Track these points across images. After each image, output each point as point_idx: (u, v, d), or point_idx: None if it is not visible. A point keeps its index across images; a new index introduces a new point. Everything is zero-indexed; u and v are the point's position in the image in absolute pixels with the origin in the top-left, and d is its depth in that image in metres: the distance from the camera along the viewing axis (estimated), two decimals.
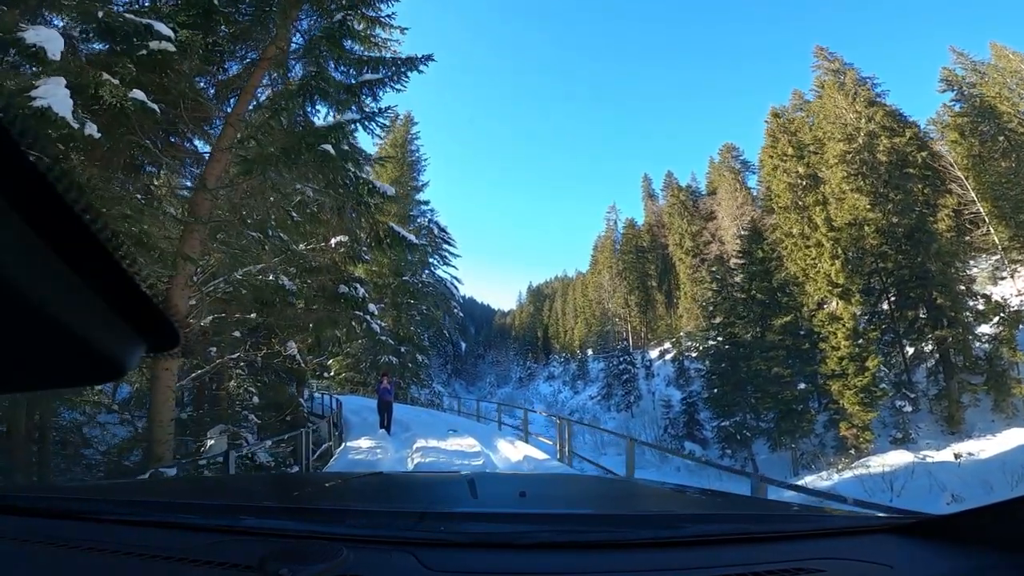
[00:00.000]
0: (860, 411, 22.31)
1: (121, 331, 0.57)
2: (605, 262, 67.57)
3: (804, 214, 27.52)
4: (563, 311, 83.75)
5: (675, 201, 60.57)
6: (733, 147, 59.16)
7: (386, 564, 1.05)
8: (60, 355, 0.53)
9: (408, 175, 35.78)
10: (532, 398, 66.08)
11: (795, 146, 31.24)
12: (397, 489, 2.12)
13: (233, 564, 1.03)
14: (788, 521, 1.52)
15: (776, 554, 1.12)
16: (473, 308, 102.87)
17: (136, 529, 1.26)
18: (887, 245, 28.00)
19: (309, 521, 1.30)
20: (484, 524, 1.34)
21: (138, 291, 0.55)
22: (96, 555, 1.13)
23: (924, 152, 35.74)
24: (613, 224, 69.62)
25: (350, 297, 12.88)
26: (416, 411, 18.47)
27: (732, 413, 25.79)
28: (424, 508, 1.42)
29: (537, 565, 1.10)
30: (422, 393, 34.56)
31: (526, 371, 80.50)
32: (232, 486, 2.72)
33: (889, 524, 1.31)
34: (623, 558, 1.12)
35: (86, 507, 1.41)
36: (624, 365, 50.27)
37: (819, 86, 41.90)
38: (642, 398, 48.61)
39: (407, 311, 31.71)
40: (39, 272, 0.46)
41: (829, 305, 24.64)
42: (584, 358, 66.13)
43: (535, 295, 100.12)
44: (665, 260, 62.52)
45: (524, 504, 1.66)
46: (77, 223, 0.46)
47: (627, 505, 1.93)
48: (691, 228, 57.00)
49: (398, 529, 1.21)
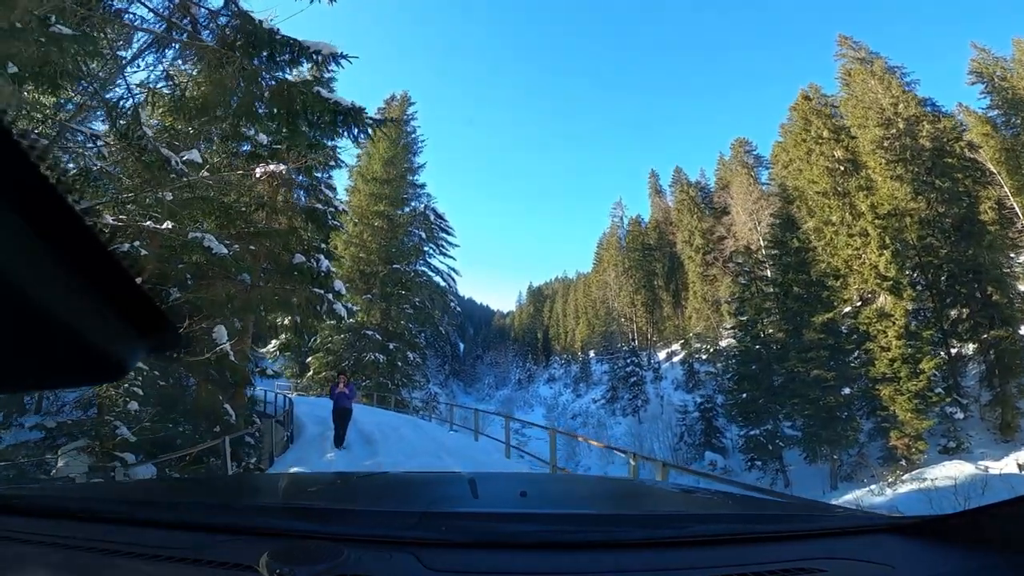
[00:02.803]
0: (913, 418, 19.85)
1: (121, 331, 0.57)
2: (610, 260, 65.08)
3: (845, 200, 24.87)
4: (564, 312, 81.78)
5: (684, 197, 57.99)
6: (745, 142, 56.83)
7: (386, 564, 1.04)
8: (60, 355, 0.53)
9: (403, 156, 32.87)
10: (532, 400, 64.69)
11: (831, 128, 28.63)
12: (397, 489, 2.11)
13: (233, 564, 1.02)
14: (788, 521, 1.52)
15: (777, 554, 1.11)
16: (472, 309, 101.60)
17: (136, 529, 1.24)
18: (933, 237, 25.30)
19: (309, 521, 1.29)
20: (484, 524, 1.32)
21: (138, 291, 0.55)
22: (96, 555, 1.13)
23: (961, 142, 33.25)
24: (619, 220, 67.10)
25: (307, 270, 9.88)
26: (397, 419, 14.73)
27: (762, 420, 22.84)
28: (424, 508, 1.38)
29: (537, 565, 1.09)
30: (414, 395, 31.58)
31: (525, 373, 78.74)
32: (233, 486, 2.63)
33: (890, 524, 1.29)
34: (623, 558, 1.10)
35: (86, 507, 1.40)
36: (631, 367, 47.62)
37: (845, 74, 39.43)
38: (649, 402, 46.12)
39: (398, 303, 28.65)
40: (39, 272, 0.46)
41: (876, 300, 21.79)
42: (587, 360, 64.00)
43: (535, 296, 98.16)
44: (673, 258, 59.94)
45: (524, 504, 1.63)
46: (77, 223, 0.46)
47: (627, 505, 1.92)
48: (701, 225, 54.53)
49: (398, 529, 1.18)
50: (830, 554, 1.12)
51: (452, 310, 35.04)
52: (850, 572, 1.08)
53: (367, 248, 29.02)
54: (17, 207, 0.42)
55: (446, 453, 10.23)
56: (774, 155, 50.10)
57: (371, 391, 24.39)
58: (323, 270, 10.67)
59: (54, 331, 0.49)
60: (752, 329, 24.58)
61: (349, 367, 25.95)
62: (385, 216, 29.65)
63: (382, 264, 28.06)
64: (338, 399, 10.80)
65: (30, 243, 0.43)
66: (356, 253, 29.00)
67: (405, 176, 32.33)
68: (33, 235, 0.43)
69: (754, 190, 47.88)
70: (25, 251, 0.44)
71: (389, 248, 28.86)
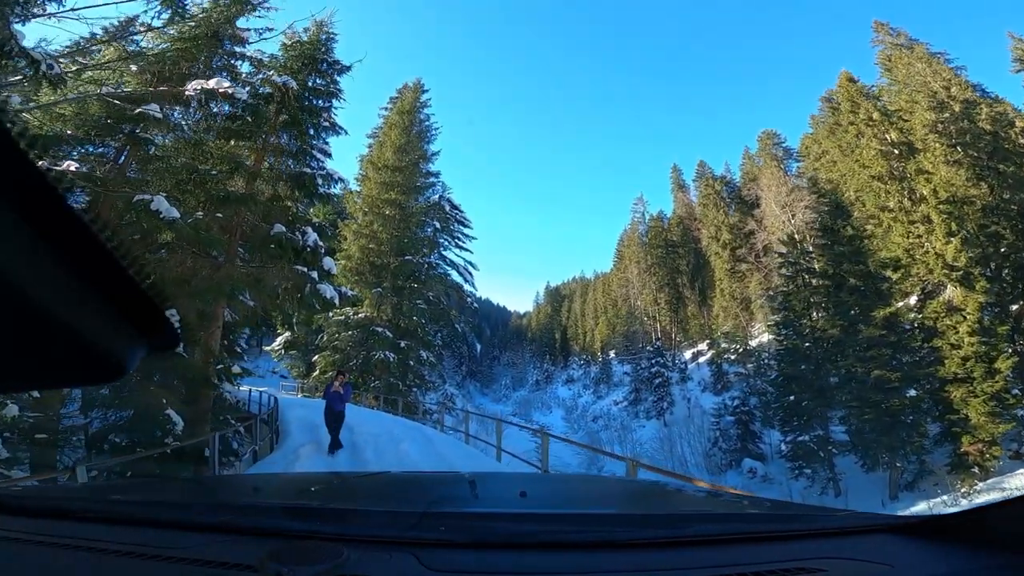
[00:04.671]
0: (988, 422, 17.63)
1: (121, 331, 0.57)
2: (632, 257, 63.17)
3: (902, 185, 22.66)
4: (582, 312, 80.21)
5: (710, 192, 55.93)
6: (774, 134, 55.16)
7: (386, 564, 1.04)
8: (60, 355, 0.53)
9: (416, 143, 31.04)
10: (550, 402, 63.51)
11: (881, 111, 26.49)
12: (397, 489, 2.11)
13: (233, 564, 1.02)
14: (788, 521, 1.51)
15: (777, 554, 1.11)
16: (489, 310, 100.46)
17: (136, 529, 1.24)
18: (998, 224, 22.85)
19: (309, 521, 1.29)
20: (484, 524, 1.33)
21: (138, 291, 0.55)
22: (96, 555, 1.12)
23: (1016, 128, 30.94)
24: (640, 217, 65.03)
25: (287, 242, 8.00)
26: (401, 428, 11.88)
27: (812, 425, 20.57)
28: (424, 508, 1.36)
29: (537, 565, 1.09)
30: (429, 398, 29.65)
31: (543, 373, 77.47)
32: (232, 486, 2.61)
33: (889, 524, 1.29)
34: (623, 558, 1.10)
35: (86, 507, 1.41)
36: (656, 367, 45.30)
37: (885, 60, 37.38)
38: (675, 404, 43.85)
39: (410, 297, 26.70)
40: (39, 272, 0.45)
41: (942, 293, 19.46)
42: (607, 360, 61.98)
43: (553, 295, 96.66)
44: (698, 255, 57.83)
45: (524, 504, 1.63)
46: (77, 223, 0.46)
47: (627, 505, 1.90)
48: (728, 220, 52.29)
49: (398, 529, 1.18)
50: (830, 554, 1.11)
51: (469, 306, 32.95)
52: (850, 572, 1.07)
53: (377, 239, 27.14)
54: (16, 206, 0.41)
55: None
56: (804, 147, 48.44)
57: (380, 392, 22.33)
58: (309, 244, 8.80)
59: (54, 331, 0.48)
60: (799, 325, 22.25)
61: (357, 366, 24.11)
62: (397, 204, 27.75)
63: (393, 256, 26.25)
64: (332, 400, 9.03)
65: (29, 242, 0.43)
66: (366, 244, 27.17)
67: (418, 164, 30.51)
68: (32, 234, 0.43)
69: (787, 182, 45.55)
70: (24, 250, 0.43)
71: (401, 239, 26.93)
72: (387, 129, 32.44)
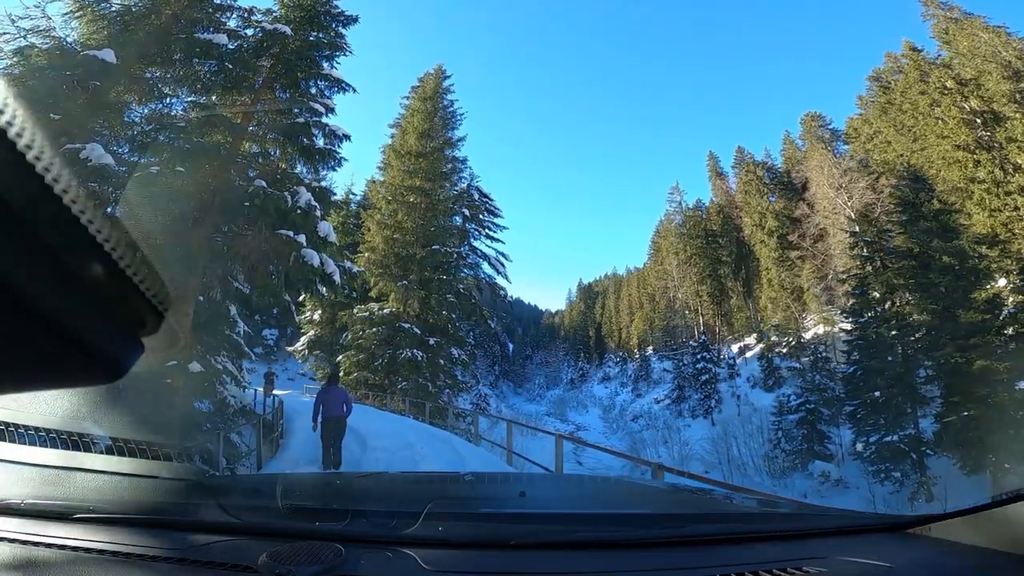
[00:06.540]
0: None
1: (121, 331, 0.57)
2: (669, 248, 60.58)
3: (991, 155, 20.03)
4: (616, 308, 78.24)
5: (751, 178, 52.96)
6: (819, 116, 52.37)
7: (386, 564, 1.04)
8: (60, 355, 0.53)
9: (439, 130, 29.24)
10: (586, 401, 62.23)
11: (957, 80, 23.93)
12: (397, 489, 2.11)
13: (233, 564, 1.02)
14: (788, 520, 1.53)
15: (776, 553, 1.10)
16: (520, 309, 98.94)
17: (136, 529, 1.23)
18: None
19: (309, 521, 1.29)
20: (484, 524, 1.35)
21: (138, 291, 0.55)
22: (96, 555, 1.11)
23: None
24: (677, 206, 62.09)
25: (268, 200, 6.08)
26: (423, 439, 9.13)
27: (900, 423, 17.95)
28: (424, 508, 1.32)
29: (537, 565, 1.09)
30: (463, 399, 27.68)
31: (578, 372, 76.13)
32: (232, 486, 2.55)
33: (890, 524, 1.28)
34: (623, 558, 1.10)
35: (86, 508, 1.36)
36: (701, 363, 42.66)
37: (942, 32, 34.31)
38: (723, 401, 41.20)
39: (439, 290, 24.87)
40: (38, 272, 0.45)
41: None
42: (645, 356, 60.11)
43: (585, 292, 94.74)
44: (740, 244, 54.75)
45: (524, 504, 1.64)
46: (76, 223, 0.45)
47: (627, 505, 1.90)
48: (773, 206, 49.16)
49: (398, 529, 1.18)
50: (830, 553, 1.10)
51: (502, 300, 30.88)
52: (850, 572, 1.07)
53: (402, 228, 25.32)
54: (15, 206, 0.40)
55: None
56: (853, 128, 45.40)
57: (407, 396, 20.35)
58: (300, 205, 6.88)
59: (53, 331, 0.48)
60: (881, 312, 19.56)
61: (383, 366, 22.29)
62: (422, 191, 25.88)
63: (419, 246, 24.44)
64: (328, 404, 7.11)
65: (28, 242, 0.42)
66: (391, 235, 25.37)
67: (443, 149, 28.73)
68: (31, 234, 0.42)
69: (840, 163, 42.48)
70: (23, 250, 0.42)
71: (427, 227, 25.07)
72: (409, 116, 30.70)
